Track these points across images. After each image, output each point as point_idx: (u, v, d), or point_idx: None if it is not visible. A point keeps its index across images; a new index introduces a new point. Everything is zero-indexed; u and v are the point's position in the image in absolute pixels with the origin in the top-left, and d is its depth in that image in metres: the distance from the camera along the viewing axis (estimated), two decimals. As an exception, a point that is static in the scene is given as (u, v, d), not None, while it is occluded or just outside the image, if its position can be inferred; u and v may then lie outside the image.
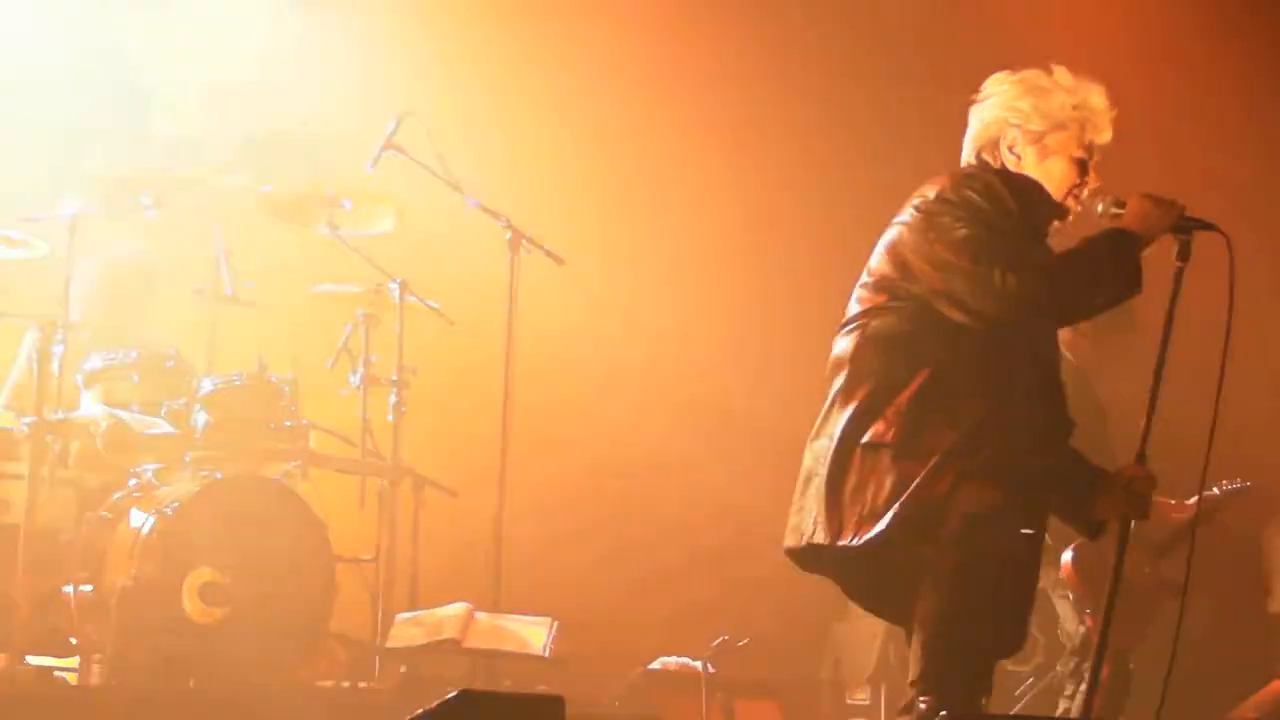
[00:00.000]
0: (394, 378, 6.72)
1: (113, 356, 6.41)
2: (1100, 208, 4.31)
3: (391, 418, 6.71)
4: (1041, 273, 4.17)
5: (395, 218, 6.93)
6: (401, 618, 6.34)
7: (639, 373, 8.20)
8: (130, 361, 6.39)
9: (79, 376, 6.38)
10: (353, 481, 6.60)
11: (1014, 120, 4.39)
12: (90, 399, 6.40)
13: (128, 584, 5.79)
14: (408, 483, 6.67)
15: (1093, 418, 5.63)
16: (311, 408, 6.60)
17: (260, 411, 6.32)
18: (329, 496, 6.47)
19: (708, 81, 8.40)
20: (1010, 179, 4.34)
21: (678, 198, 8.37)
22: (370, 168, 6.77)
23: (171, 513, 5.89)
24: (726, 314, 8.32)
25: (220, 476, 6.15)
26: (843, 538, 4.18)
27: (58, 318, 6.15)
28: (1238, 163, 7.66)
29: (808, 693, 6.89)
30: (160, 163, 6.43)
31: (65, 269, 6.19)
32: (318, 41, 8.04)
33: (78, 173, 6.54)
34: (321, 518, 6.19)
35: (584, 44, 8.37)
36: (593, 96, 8.35)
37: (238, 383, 6.32)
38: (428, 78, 8.03)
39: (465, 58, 8.28)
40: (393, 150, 6.78)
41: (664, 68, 8.34)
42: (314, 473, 6.51)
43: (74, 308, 6.60)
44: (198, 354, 6.58)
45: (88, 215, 6.25)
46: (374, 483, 6.64)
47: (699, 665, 6.18)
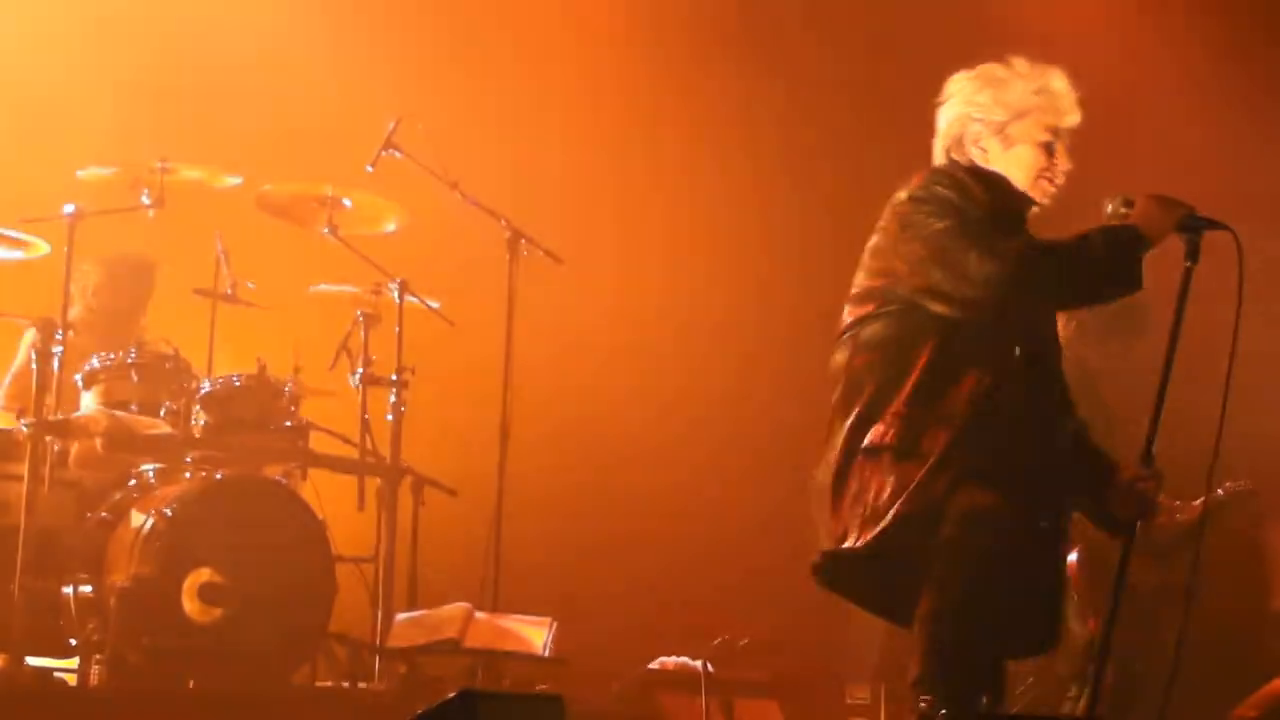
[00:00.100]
0: (394, 378, 6.72)
1: (112, 357, 6.41)
2: (1110, 207, 4.30)
3: (391, 418, 6.71)
4: (1019, 256, 4.16)
5: (395, 218, 6.94)
6: (401, 618, 6.34)
7: (639, 373, 8.19)
8: (130, 362, 6.38)
9: (79, 377, 6.38)
10: (352, 481, 6.60)
11: (976, 114, 4.41)
12: (90, 399, 6.40)
13: (127, 584, 5.79)
14: (407, 483, 6.67)
15: (1099, 419, 5.61)
16: (311, 408, 6.61)
17: (260, 412, 6.33)
18: (328, 496, 6.47)
19: (708, 80, 8.39)
20: (978, 173, 4.36)
21: (678, 197, 8.37)
22: (370, 168, 6.78)
23: (171, 513, 5.89)
24: (727, 314, 8.32)
25: (220, 477, 6.15)
26: (846, 541, 4.19)
27: (57, 318, 6.16)
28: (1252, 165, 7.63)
29: (807, 693, 6.87)
30: (160, 162, 6.41)
31: (65, 269, 6.20)
32: (318, 41, 8.05)
33: (78, 172, 6.52)
34: (321, 518, 6.19)
35: (583, 43, 8.37)
36: (593, 96, 8.35)
37: (237, 383, 6.32)
38: (427, 77, 8.04)
39: (465, 57, 8.28)
40: (392, 150, 6.79)
41: (664, 67, 8.34)
42: (313, 473, 6.52)
43: (73, 308, 6.62)
44: (198, 354, 6.57)
45: (87, 215, 6.26)
46: (373, 483, 6.64)
47: (699, 665, 6.17)
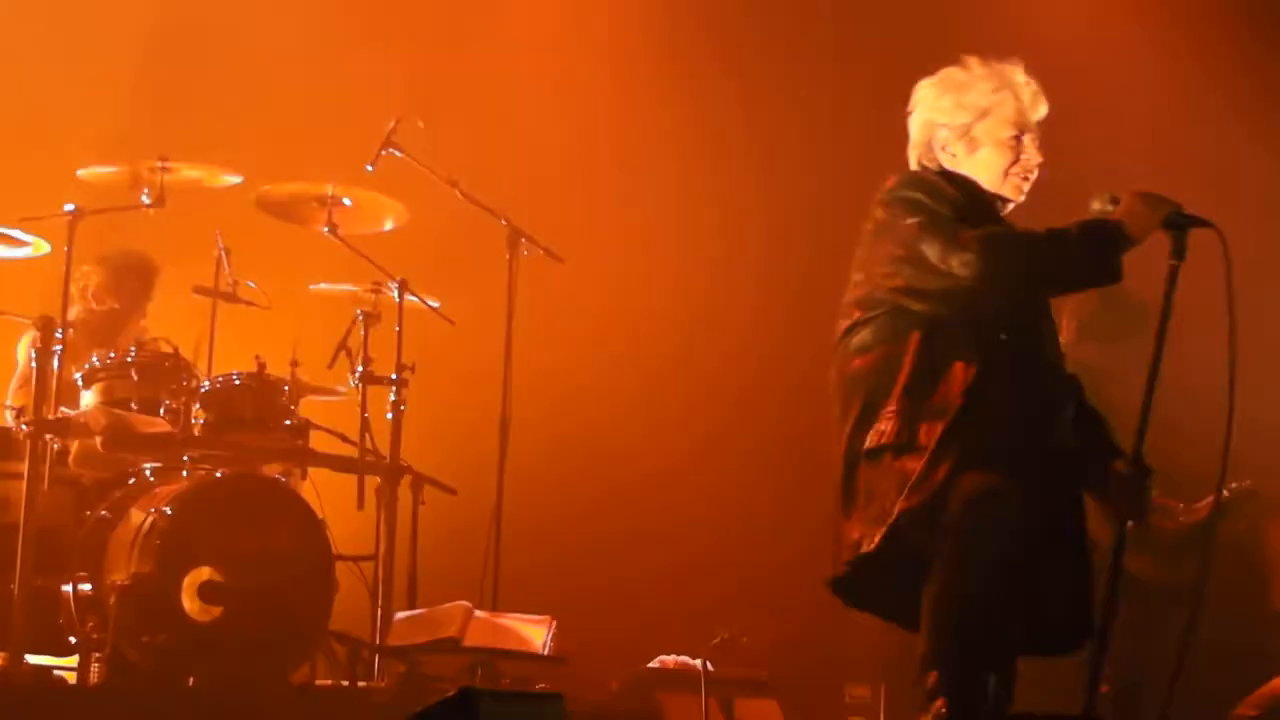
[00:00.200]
0: (393, 376, 6.72)
1: (112, 356, 6.41)
2: (1096, 204, 4.30)
3: (391, 416, 6.71)
4: (982, 243, 4.16)
5: (395, 217, 6.94)
6: (401, 616, 6.34)
7: (639, 372, 8.19)
8: (129, 360, 6.38)
9: (79, 375, 6.38)
10: (352, 480, 6.59)
11: (940, 120, 4.44)
12: (90, 398, 6.40)
13: (127, 583, 5.79)
14: (407, 481, 6.67)
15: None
16: (310, 406, 6.61)
17: (259, 410, 6.32)
18: (328, 495, 6.47)
19: (710, 79, 8.39)
20: (948, 176, 4.40)
21: (679, 196, 8.36)
22: (370, 167, 6.79)
23: (171, 512, 5.89)
24: (729, 314, 8.31)
25: (219, 475, 6.16)
26: (863, 548, 4.19)
27: (57, 317, 6.16)
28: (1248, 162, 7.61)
29: (807, 691, 6.87)
30: (160, 161, 6.41)
31: (65, 268, 6.20)
32: (318, 40, 8.05)
33: (78, 171, 6.53)
34: (320, 516, 6.19)
35: (583, 41, 8.37)
36: (593, 94, 8.35)
37: (237, 382, 6.32)
38: (427, 76, 8.04)
39: (465, 57, 8.28)
40: (392, 149, 6.80)
41: (664, 65, 8.34)
42: (313, 471, 6.52)
43: (74, 307, 6.62)
44: (197, 353, 6.57)
45: (87, 214, 6.26)
46: (373, 481, 6.63)
47: (698, 664, 6.17)
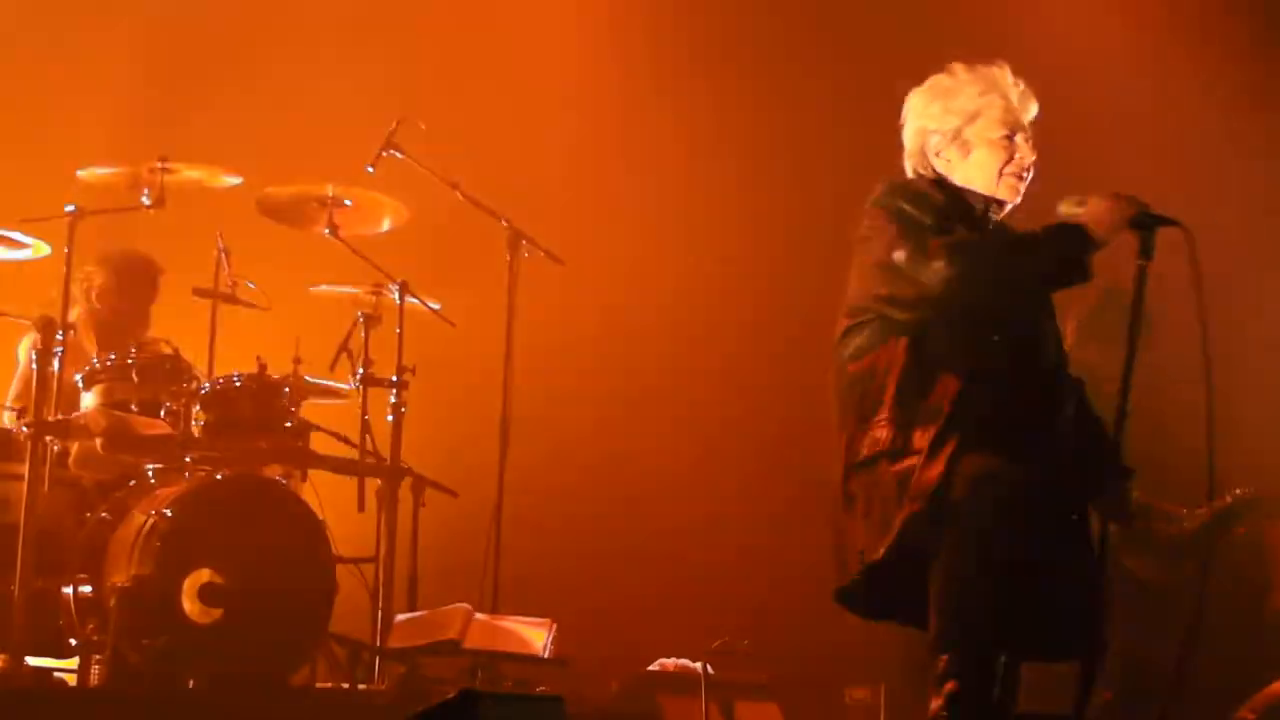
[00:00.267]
0: (394, 378, 6.72)
1: (113, 357, 6.41)
2: (1064, 208, 4.29)
3: (391, 418, 6.71)
4: (948, 250, 4.16)
5: (395, 218, 6.94)
6: (401, 618, 6.34)
7: (639, 373, 8.19)
8: (130, 362, 6.37)
9: (79, 377, 6.38)
10: (352, 482, 6.59)
11: (931, 126, 4.45)
12: (90, 399, 6.39)
13: (127, 584, 5.78)
14: (407, 483, 6.67)
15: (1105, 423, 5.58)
16: (311, 408, 6.60)
17: (260, 412, 6.32)
18: (328, 497, 6.47)
19: (709, 78, 8.38)
20: (940, 183, 4.40)
21: (680, 197, 8.36)
22: (371, 168, 6.78)
23: (171, 513, 5.88)
24: (729, 315, 8.30)
25: (220, 477, 6.15)
26: (868, 558, 4.18)
27: (57, 318, 6.15)
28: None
29: (808, 694, 6.87)
30: (160, 162, 6.41)
31: (65, 269, 6.19)
32: (319, 39, 8.05)
33: (78, 172, 6.52)
34: (321, 518, 6.19)
35: (584, 42, 8.37)
36: (593, 94, 8.35)
37: (237, 383, 6.32)
38: (428, 77, 8.04)
39: (465, 57, 8.28)
40: (393, 150, 6.79)
41: (664, 65, 8.33)
42: (313, 473, 6.52)
43: (75, 308, 6.62)
44: (198, 354, 6.58)
45: (87, 215, 6.26)
46: (373, 483, 6.63)
47: (699, 666, 6.16)
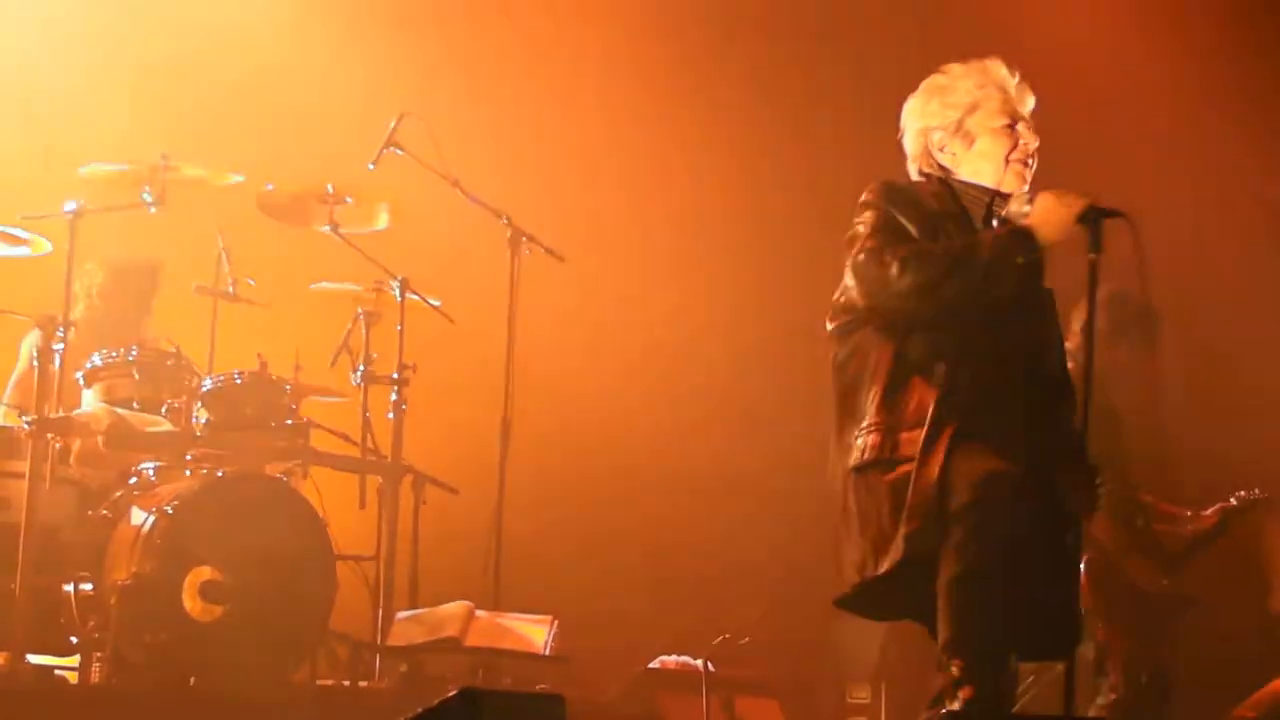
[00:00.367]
0: (395, 376, 6.72)
1: (113, 354, 6.41)
2: (1014, 206, 4.27)
3: (392, 416, 6.71)
4: (902, 261, 4.16)
5: (396, 215, 6.94)
6: (402, 616, 6.34)
7: (640, 371, 8.19)
8: (131, 359, 6.38)
9: (80, 375, 6.38)
10: (353, 480, 6.60)
11: (931, 123, 4.43)
12: (91, 397, 6.40)
13: (128, 582, 5.79)
14: (408, 481, 6.67)
15: (1106, 424, 5.59)
16: (312, 406, 6.61)
17: (261, 409, 6.33)
18: (329, 495, 6.47)
19: (710, 78, 8.39)
20: (944, 181, 4.37)
21: (680, 195, 8.36)
22: (372, 165, 6.78)
23: (172, 511, 5.88)
24: (730, 312, 8.31)
25: (221, 475, 6.15)
26: (866, 569, 4.17)
27: (58, 316, 6.15)
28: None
29: (808, 692, 6.88)
30: (162, 160, 6.41)
31: (66, 267, 6.20)
32: (319, 39, 8.05)
33: (79, 170, 6.52)
34: (322, 516, 6.19)
35: (585, 41, 8.37)
36: (594, 94, 8.35)
37: (239, 381, 6.32)
38: (429, 75, 8.04)
39: (466, 55, 8.28)
40: (394, 148, 6.79)
41: (664, 64, 8.33)
42: (314, 471, 6.51)
43: (75, 306, 6.62)
44: (199, 352, 6.58)
45: (89, 213, 6.26)
46: (374, 481, 6.64)
47: (699, 664, 6.17)
